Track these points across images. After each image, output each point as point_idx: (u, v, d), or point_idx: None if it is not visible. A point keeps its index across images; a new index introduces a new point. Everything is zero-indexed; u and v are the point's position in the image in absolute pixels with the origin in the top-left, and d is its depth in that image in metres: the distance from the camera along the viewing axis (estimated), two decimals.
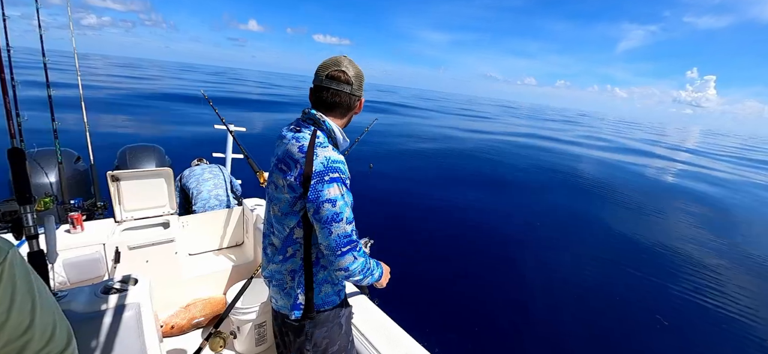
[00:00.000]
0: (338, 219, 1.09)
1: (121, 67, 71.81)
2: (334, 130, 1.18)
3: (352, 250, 1.12)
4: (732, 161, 25.91)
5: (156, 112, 18.33)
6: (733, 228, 9.55)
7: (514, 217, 8.24)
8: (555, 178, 12.61)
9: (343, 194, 1.10)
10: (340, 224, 1.09)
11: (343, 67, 1.17)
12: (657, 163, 20.35)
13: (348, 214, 1.11)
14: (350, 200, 1.13)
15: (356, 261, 1.14)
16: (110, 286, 1.65)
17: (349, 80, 1.18)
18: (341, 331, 1.30)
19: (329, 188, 1.08)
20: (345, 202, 1.10)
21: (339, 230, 1.09)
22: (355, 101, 1.23)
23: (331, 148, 1.14)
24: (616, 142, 30.67)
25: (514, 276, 5.53)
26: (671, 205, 11.16)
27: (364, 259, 1.17)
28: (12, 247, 0.55)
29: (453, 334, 3.99)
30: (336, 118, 1.22)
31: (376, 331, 1.53)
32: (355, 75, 1.20)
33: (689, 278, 6.04)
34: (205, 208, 3.22)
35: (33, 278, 0.58)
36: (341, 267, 1.12)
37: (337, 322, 1.28)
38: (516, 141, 22.05)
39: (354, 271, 1.14)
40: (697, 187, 14.39)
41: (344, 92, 1.18)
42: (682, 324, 4.77)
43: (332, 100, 1.18)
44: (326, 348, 1.26)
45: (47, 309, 0.59)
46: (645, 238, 7.67)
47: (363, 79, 1.24)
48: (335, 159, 1.11)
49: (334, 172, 1.09)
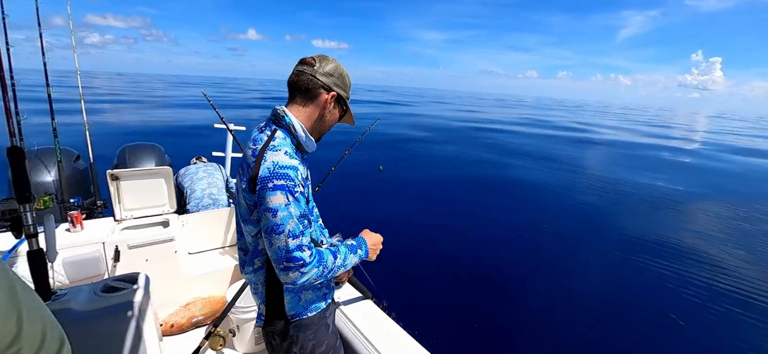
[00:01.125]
0: (279, 231, 1.00)
1: (126, 83, 71.54)
2: (295, 125, 1.10)
3: (296, 268, 1.01)
4: (744, 150, 24.71)
5: (156, 113, 18.34)
6: (761, 219, 8.81)
7: (520, 216, 8.14)
8: (561, 174, 12.34)
9: (287, 204, 1.00)
10: (280, 237, 1.00)
11: (315, 56, 1.14)
12: (665, 153, 19.42)
13: (292, 227, 1.00)
14: (299, 211, 1.02)
15: (305, 275, 1.03)
16: (110, 285, 1.65)
17: (313, 62, 1.12)
18: (328, 330, 1.27)
19: (272, 196, 0.99)
20: (289, 213, 1.00)
21: (279, 243, 1.00)
22: (319, 87, 1.12)
23: (283, 152, 1.04)
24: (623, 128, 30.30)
25: (521, 275, 5.45)
26: (691, 196, 10.58)
27: (318, 269, 1.06)
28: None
29: (456, 336, 3.98)
30: (298, 106, 1.14)
31: (376, 331, 1.53)
32: (324, 62, 1.13)
33: (707, 275, 5.74)
34: (198, 207, 3.22)
35: (18, 288, 0.55)
36: (288, 281, 1.04)
37: (324, 323, 1.25)
38: (517, 130, 21.94)
39: (306, 282, 1.05)
40: (713, 178, 13.48)
41: (306, 73, 1.11)
42: (700, 324, 4.51)
43: (293, 80, 1.13)
44: (313, 349, 1.22)
45: (35, 316, 0.57)
46: (659, 233, 7.32)
47: (339, 74, 1.16)
48: (284, 164, 1.01)
49: (279, 178, 0.99)
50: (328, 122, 1.19)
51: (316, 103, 1.14)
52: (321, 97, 1.13)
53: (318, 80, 1.11)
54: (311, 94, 1.12)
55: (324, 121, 1.18)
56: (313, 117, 1.15)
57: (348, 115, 1.26)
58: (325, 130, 1.22)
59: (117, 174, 2.53)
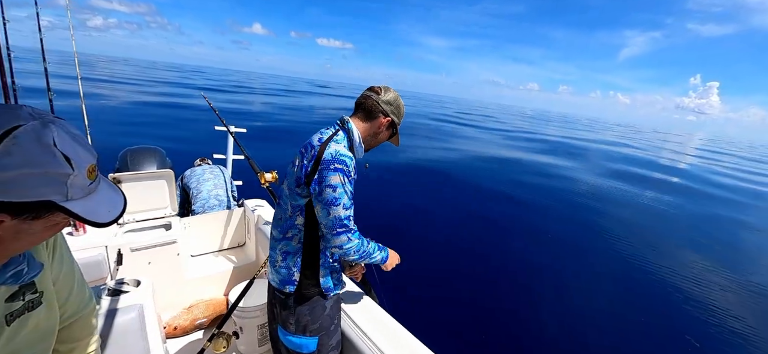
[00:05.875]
0: (337, 203, 1.24)
1: (128, 67, 71.08)
2: (354, 132, 1.36)
3: (346, 232, 1.28)
4: (743, 173, 24.48)
5: (157, 114, 18.35)
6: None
7: (523, 215, 8.11)
8: (568, 185, 12.18)
9: (343, 183, 1.25)
10: (337, 208, 1.25)
11: (382, 86, 1.42)
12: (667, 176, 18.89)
13: (345, 201, 1.26)
14: (350, 191, 1.28)
15: (351, 242, 1.30)
16: (113, 288, 1.66)
17: (379, 91, 1.39)
18: (324, 312, 1.42)
19: (333, 176, 1.23)
20: (344, 191, 1.25)
21: (336, 213, 1.25)
22: (378, 111, 1.38)
23: (343, 146, 1.30)
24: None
25: (523, 274, 5.41)
26: (704, 217, 10.46)
27: (359, 242, 1.32)
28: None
29: (459, 337, 3.98)
30: (359, 120, 1.40)
31: (378, 330, 1.53)
32: (387, 92, 1.40)
33: (724, 297, 5.52)
34: (204, 207, 3.22)
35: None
36: (336, 244, 1.29)
37: (321, 304, 1.41)
38: (521, 145, 22.01)
39: (348, 251, 1.31)
40: (719, 206, 12.76)
41: (371, 98, 1.39)
42: (716, 347, 4.35)
43: (360, 101, 1.41)
44: (307, 324, 1.39)
45: (85, 283, 0.94)
46: (673, 253, 7.15)
47: (397, 105, 1.41)
48: (343, 153, 1.27)
49: (339, 163, 1.24)
50: (379, 139, 1.45)
51: (373, 123, 1.40)
52: (379, 119, 1.39)
53: (380, 106, 1.38)
54: (372, 115, 1.39)
55: (377, 137, 1.44)
56: (368, 132, 1.41)
57: (395, 138, 1.50)
58: (375, 145, 1.47)
59: (119, 177, 2.54)
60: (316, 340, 1.41)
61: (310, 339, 1.41)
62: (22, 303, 0.69)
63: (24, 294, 0.69)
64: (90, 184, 0.62)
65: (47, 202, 0.55)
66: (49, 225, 0.61)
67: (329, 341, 1.45)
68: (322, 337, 1.42)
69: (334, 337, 1.48)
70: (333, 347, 1.48)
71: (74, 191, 0.59)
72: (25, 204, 0.54)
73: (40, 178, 0.54)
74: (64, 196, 0.57)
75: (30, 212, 0.56)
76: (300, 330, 1.40)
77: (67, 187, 0.57)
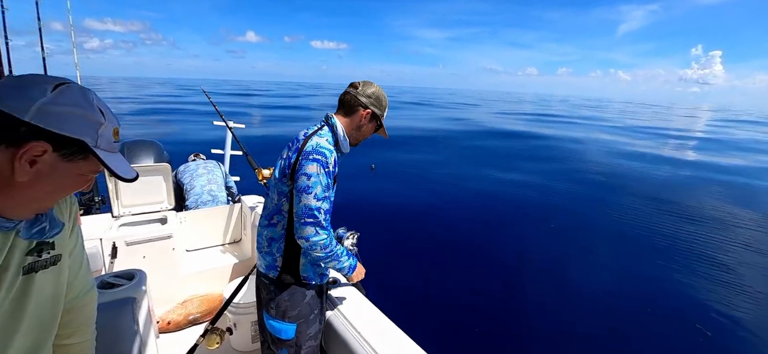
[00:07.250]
0: (309, 191, 1.28)
1: (128, 87, 70.71)
2: (337, 127, 1.42)
3: (314, 224, 1.29)
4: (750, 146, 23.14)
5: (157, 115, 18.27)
6: None
7: (524, 211, 8.00)
8: (567, 167, 11.84)
9: (318, 174, 1.28)
10: (308, 196, 1.28)
11: (362, 81, 1.47)
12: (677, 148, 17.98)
13: (317, 192, 1.28)
14: (325, 183, 1.30)
15: (318, 235, 1.30)
16: (107, 282, 1.64)
17: (357, 86, 1.45)
18: (304, 300, 1.44)
19: (310, 165, 1.28)
20: (318, 180, 1.28)
21: (306, 201, 1.28)
22: (358, 105, 1.43)
23: (326, 140, 1.36)
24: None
25: (524, 277, 5.25)
26: (719, 196, 9.53)
27: (327, 238, 1.32)
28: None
29: (451, 334, 3.97)
30: (341, 115, 1.46)
31: (369, 325, 1.52)
32: (367, 86, 1.45)
33: (738, 281, 5.17)
34: (197, 203, 3.21)
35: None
36: (303, 235, 1.30)
37: (301, 292, 1.44)
38: (514, 129, 21.85)
39: (315, 244, 1.31)
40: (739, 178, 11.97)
41: (350, 93, 1.45)
42: (728, 335, 4.10)
43: (341, 97, 1.48)
44: (286, 310, 1.42)
45: (85, 254, 0.98)
46: (683, 235, 6.67)
47: (377, 97, 1.46)
48: (322, 145, 1.33)
49: (318, 154, 1.30)
50: (364, 132, 1.50)
51: (354, 117, 1.45)
52: (359, 112, 1.45)
53: (359, 99, 1.44)
54: (352, 109, 1.45)
55: (361, 131, 1.48)
56: (351, 126, 1.46)
57: (382, 130, 1.55)
58: (362, 139, 1.52)
59: None
60: (294, 326, 1.44)
61: (288, 325, 1.43)
62: (40, 259, 0.74)
63: (42, 251, 0.75)
64: (114, 143, 0.73)
65: (82, 142, 0.65)
66: (77, 172, 0.70)
67: (308, 330, 1.46)
68: (301, 325, 1.44)
69: (313, 327, 1.49)
70: (311, 337, 1.48)
71: (102, 142, 0.69)
72: (66, 139, 0.64)
73: (81, 118, 0.66)
74: (95, 142, 0.67)
75: (68, 148, 0.65)
76: (279, 315, 1.43)
77: (98, 135, 0.68)
